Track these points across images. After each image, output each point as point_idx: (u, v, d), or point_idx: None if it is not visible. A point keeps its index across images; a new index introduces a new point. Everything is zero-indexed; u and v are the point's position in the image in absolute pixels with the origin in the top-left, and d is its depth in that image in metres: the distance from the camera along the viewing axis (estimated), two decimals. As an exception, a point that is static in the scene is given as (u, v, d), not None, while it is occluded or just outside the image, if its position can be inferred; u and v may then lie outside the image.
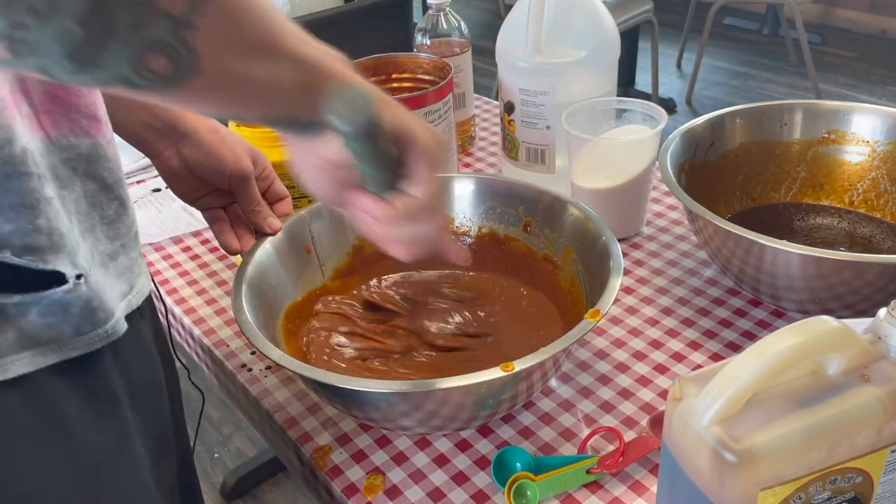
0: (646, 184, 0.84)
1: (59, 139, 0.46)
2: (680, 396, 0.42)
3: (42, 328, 0.45)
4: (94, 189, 0.49)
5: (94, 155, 0.48)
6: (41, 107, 0.45)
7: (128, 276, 0.52)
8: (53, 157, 0.46)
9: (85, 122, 0.48)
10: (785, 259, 0.65)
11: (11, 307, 0.43)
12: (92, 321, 0.47)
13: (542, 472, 0.58)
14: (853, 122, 0.83)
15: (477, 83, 1.18)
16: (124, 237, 0.52)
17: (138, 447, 0.53)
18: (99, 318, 0.47)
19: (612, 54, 0.90)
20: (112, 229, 0.51)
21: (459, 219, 0.77)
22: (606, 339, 0.72)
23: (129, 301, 0.52)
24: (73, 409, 0.47)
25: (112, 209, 0.50)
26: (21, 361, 0.44)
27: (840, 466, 0.41)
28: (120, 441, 0.51)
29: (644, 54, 3.16)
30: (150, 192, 1.03)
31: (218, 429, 1.78)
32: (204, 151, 0.64)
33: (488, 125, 1.18)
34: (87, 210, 0.48)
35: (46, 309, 0.45)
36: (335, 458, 0.62)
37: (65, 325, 0.46)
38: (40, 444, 0.46)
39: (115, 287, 0.50)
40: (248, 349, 0.75)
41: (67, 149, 0.47)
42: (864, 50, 3.64)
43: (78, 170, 0.48)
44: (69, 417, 0.47)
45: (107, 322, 0.48)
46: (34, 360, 0.44)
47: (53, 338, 0.45)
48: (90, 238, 0.49)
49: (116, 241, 0.51)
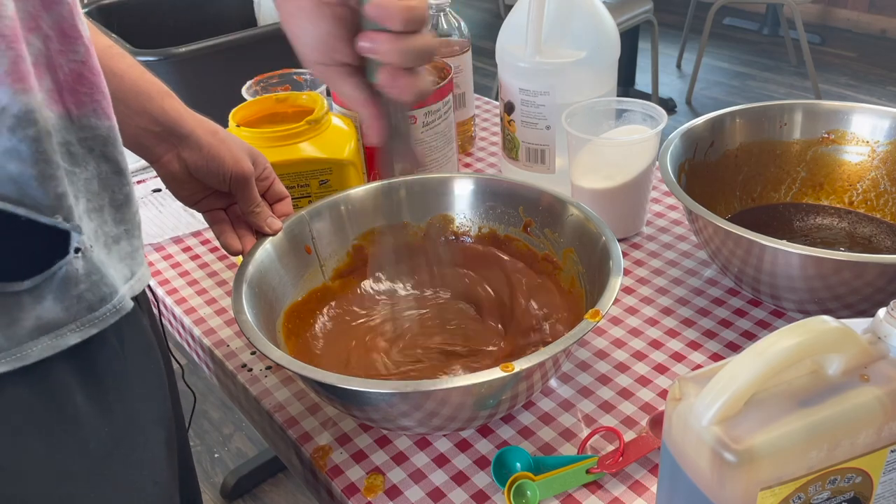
0: (646, 184, 0.84)
1: (81, 118, 0.47)
2: (680, 396, 0.42)
3: (59, 312, 0.45)
4: (107, 171, 0.49)
5: (111, 138, 0.49)
6: (66, 84, 0.46)
7: (129, 261, 0.53)
8: (70, 134, 0.46)
9: (105, 105, 0.48)
10: (785, 259, 0.65)
11: (26, 295, 0.44)
12: (100, 297, 0.48)
13: (542, 472, 0.58)
14: (853, 122, 0.83)
15: (477, 83, 1.18)
16: (129, 223, 0.52)
17: (144, 439, 0.53)
18: (105, 294, 0.48)
19: (612, 54, 0.90)
20: (119, 213, 0.51)
21: (459, 219, 0.77)
22: (606, 339, 0.72)
23: (131, 286, 0.52)
24: (82, 399, 0.48)
25: (122, 194, 0.51)
26: (39, 347, 0.45)
27: (840, 466, 0.41)
28: (126, 432, 0.51)
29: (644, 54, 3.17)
30: (151, 192, 1.03)
31: (218, 429, 1.78)
32: (203, 154, 0.64)
33: (488, 125, 1.18)
34: (98, 190, 0.49)
35: (59, 291, 0.45)
36: (335, 458, 0.62)
37: (78, 305, 0.46)
38: (50, 433, 0.46)
39: (118, 270, 0.51)
40: (249, 349, 0.75)
41: (87, 128, 0.47)
42: (863, 50, 3.64)
43: (94, 150, 0.48)
44: (78, 407, 0.48)
45: (113, 297, 0.49)
46: (54, 343, 0.45)
47: (70, 319, 0.46)
48: (97, 218, 0.49)
49: (122, 226, 0.52)
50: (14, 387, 0.44)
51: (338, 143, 0.79)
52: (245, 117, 0.82)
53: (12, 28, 0.40)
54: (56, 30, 0.45)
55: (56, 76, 0.45)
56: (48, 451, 0.46)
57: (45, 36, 0.44)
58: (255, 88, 0.97)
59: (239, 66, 1.04)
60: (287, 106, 0.85)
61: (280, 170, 0.74)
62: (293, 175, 0.77)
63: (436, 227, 0.76)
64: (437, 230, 0.76)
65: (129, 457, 0.51)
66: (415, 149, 0.59)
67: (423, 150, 0.76)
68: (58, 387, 0.47)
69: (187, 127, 0.63)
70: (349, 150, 0.78)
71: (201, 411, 1.82)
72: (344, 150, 0.78)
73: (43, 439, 0.46)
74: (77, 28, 0.46)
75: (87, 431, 0.48)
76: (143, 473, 0.53)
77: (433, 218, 0.77)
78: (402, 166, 0.60)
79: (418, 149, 0.61)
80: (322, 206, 0.73)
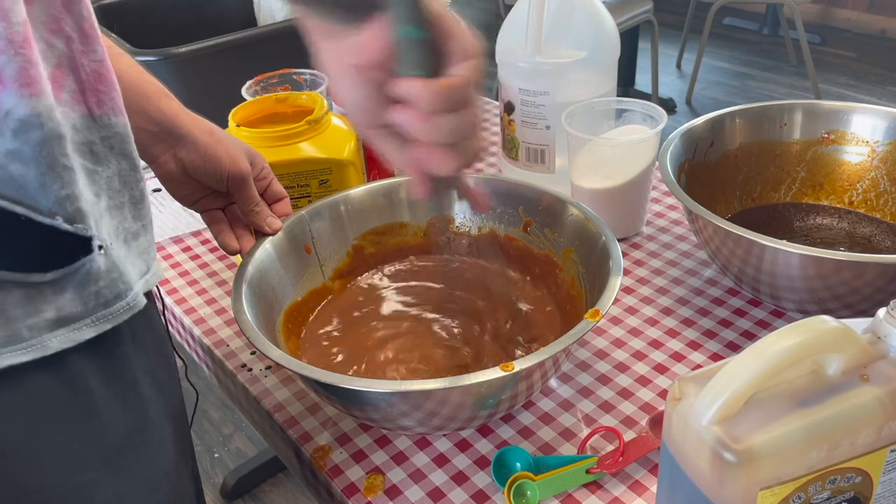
0: (646, 184, 0.84)
1: (102, 117, 0.47)
2: (679, 396, 0.42)
3: (77, 305, 0.46)
4: (126, 168, 0.50)
5: (127, 135, 0.50)
6: (88, 84, 0.46)
7: (146, 256, 0.53)
8: (93, 133, 0.47)
9: (120, 102, 0.49)
10: (785, 259, 0.65)
11: (48, 287, 0.44)
12: (116, 293, 0.48)
13: (542, 471, 0.58)
14: (853, 122, 0.83)
15: (477, 83, 1.17)
16: (145, 218, 0.53)
17: (158, 431, 0.54)
18: (121, 290, 0.49)
19: (612, 54, 0.90)
20: (137, 209, 0.52)
21: (459, 219, 0.77)
22: (606, 339, 0.72)
23: (146, 281, 0.53)
24: (100, 388, 0.48)
25: (139, 190, 0.52)
26: (59, 338, 0.45)
27: (839, 466, 0.41)
28: (141, 424, 0.52)
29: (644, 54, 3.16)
30: (151, 191, 1.03)
31: (218, 429, 1.78)
32: (200, 154, 0.64)
33: (488, 125, 1.18)
34: (120, 188, 0.50)
35: (80, 286, 0.46)
36: (335, 458, 0.62)
37: (96, 301, 0.47)
38: (68, 422, 0.47)
39: (136, 265, 0.52)
40: (248, 349, 0.75)
41: (108, 126, 0.48)
42: (863, 50, 3.64)
43: (114, 148, 0.49)
44: (95, 396, 0.48)
45: (127, 294, 0.49)
46: (70, 336, 0.46)
47: (88, 312, 0.47)
48: (118, 215, 0.50)
49: (139, 221, 0.52)
50: (38, 375, 0.45)
51: (338, 143, 0.79)
52: (245, 117, 0.82)
53: (23, 34, 0.41)
54: (77, 30, 0.45)
55: (79, 76, 0.45)
56: (67, 439, 0.47)
57: (67, 37, 0.44)
58: (255, 88, 0.97)
59: (239, 66, 1.04)
60: (287, 106, 0.85)
61: (280, 170, 0.74)
62: (293, 175, 0.77)
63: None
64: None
65: (143, 448, 0.52)
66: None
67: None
68: (77, 377, 0.47)
69: (184, 127, 0.63)
70: (349, 150, 0.78)
71: (201, 411, 1.82)
72: (344, 150, 0.78)
73: (63, 428, 0.47)
74: (95, 27, 0.46)
75: (104, 422, 0.49)
76: (156, 465, 0.53)
77: (433, 218, 0.77)
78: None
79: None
80: (322, 206, 0.73)
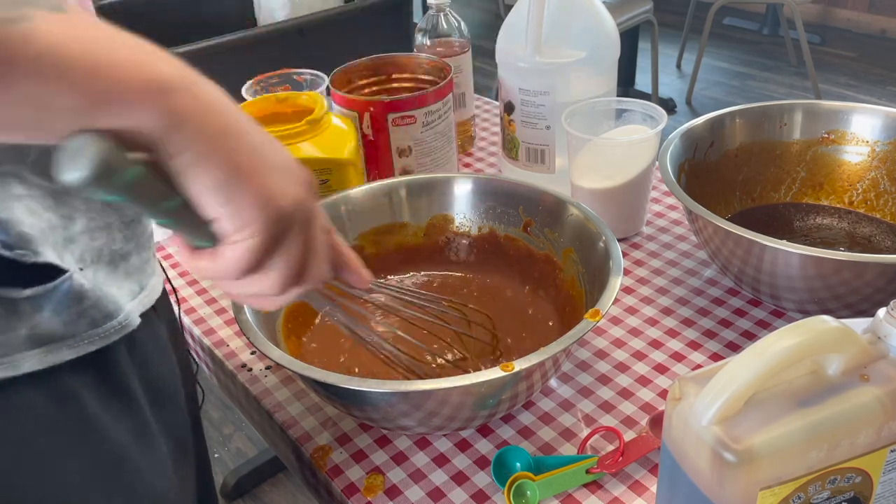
0: (646, 184, 0.84)
1: None
2: (680, 396, 0.42)
3: (57, 325, 0.45)
4: None
5: None
6: None
7: (138, 276, 0.53)
8: None
9: None
10: (785, 259, 0.65)
11: (24, 303, 0.44)
12: (104, 314, 0.48)
13: (542, 471, 0.58)
14: (853, 122, 0.83)
15: (477, 83, 1.18)
16: (140, 237, 0.53)
17: (159, 445, 0.53)
18: (110, 311, 0.48)
19: (612, 54, 0.90)
20: (129, 229, 0.51)
21: (459, 219, 0.77)
22: (606, 339, 0.72)
23: (140, 300, 0.53)
24: (94, 404, 0.48)
25: (132, 211, 0.51)
26: (32, 359, 0.44)
27: (839, 466, 0.41)
28: (140, 438, 0.51)
29: (644, 54, 3.16)
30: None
31: (218, 429, 1.78)
32: None
33: (488, 125, 1.18)
34: (103, 208, 0.49)
35: (59, 305, 0.45)
36: (335, 458, 0.62)
37: (79, 321, 0.46)
38: (63, 439, 0.47)
39: (123, 286, 0.51)
40: (249, 349, 0.75)
41: None
42: (863, 50, 3.64)
43: None
44: (90, 412, 0.48)
45: (118, 314, 0.49)
46: (45, 359, 0.45)
47: (68, 334, 0.46)
48: (102, 236, 0.49)
49: (131, 242, 0.52)
50: (29, 393, 0.44)
51: (338, 143, 0.79)
52: (245, 117, 0.82)
53: None
54: None
55: None
56: (62, 454, 0.46)
57: None
58: (254, 88, 0.97)
59: (239, 66, 1.04)
60: (287, 106, 0.85)
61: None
62: (293, 175, 0.77)
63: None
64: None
65: (142, 462, 0.51)
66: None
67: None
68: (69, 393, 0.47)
69: None
70: (349, 150, 0.78)
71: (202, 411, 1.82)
72: (344, 150, 0.78)
73: (56, 443, 0.46)
74: None
75: (100, 436, 0.48)
76: (157, 479, 0.53)
77: (433, 218, 0.77)
78: None
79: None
80: (322, 206, 0.73)
